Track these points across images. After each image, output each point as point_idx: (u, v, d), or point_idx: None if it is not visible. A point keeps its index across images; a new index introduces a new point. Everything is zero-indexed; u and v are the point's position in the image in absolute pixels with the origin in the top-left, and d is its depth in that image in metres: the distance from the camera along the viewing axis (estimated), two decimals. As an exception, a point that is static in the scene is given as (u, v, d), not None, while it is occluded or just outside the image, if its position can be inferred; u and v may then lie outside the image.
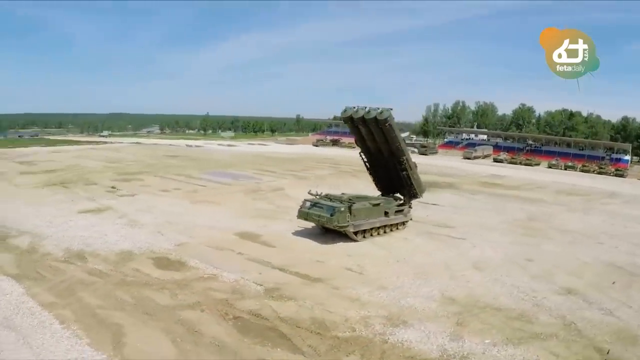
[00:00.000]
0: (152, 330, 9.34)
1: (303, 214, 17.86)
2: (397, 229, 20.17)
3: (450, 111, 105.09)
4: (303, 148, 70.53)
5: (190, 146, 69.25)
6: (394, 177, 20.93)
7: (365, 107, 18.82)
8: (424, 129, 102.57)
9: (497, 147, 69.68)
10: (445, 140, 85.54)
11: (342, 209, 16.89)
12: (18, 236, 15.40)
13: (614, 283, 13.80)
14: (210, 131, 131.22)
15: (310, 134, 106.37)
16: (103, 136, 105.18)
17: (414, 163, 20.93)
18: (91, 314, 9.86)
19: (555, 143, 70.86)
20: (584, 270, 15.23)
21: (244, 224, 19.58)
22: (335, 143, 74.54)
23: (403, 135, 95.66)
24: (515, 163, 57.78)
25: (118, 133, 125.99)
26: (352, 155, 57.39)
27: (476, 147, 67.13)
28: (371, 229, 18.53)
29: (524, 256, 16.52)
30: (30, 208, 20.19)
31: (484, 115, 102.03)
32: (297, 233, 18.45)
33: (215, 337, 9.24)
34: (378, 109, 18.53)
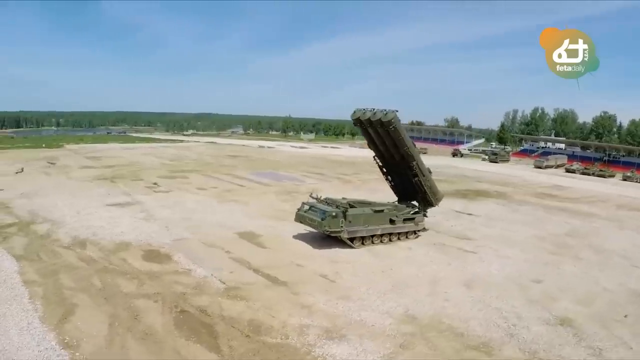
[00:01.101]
0: (99, 313, 10.49)
1: (299, 217, 18.18)
2: (407, 237, 19.50)
3: (529, 118, 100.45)
4: (371, 152, 70.22)
5: (263, 147, 74.24)
6: (407, 183, 20.32)
7: (373, 110, 18.58)
8: (500, 136, 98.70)
9: (572, 157, 65.21)
10: (521, 148, 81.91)
11: (334, 213, 16.86)
12: (42, 223, 18.13)
13: (626, 316, 11.92)
14: (292, 133, 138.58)
15: None
16: (186, 135, 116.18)
17: (428, 169, 20.11)
18: (58, 293, 11.39)
19: (639, 154, 63.52)
20: (597, 297, 13.37)
21: (253, 224, 20.50)
22: None
23: (477, 142, 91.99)
24: (587, 174, 53.28)
25: (202, 132, 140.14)
26: (427, 163, 57.87)
27: (549, 156, 63.22)
28: (372, 236, 18.18)
29: (533, 276, 15.02)
30: (68, 199, 23.50)
31: (562, 123, 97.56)
32: (299, 236, 18.80)
33: (150, 327, 10.07)
34: (384, 111, 18.19)
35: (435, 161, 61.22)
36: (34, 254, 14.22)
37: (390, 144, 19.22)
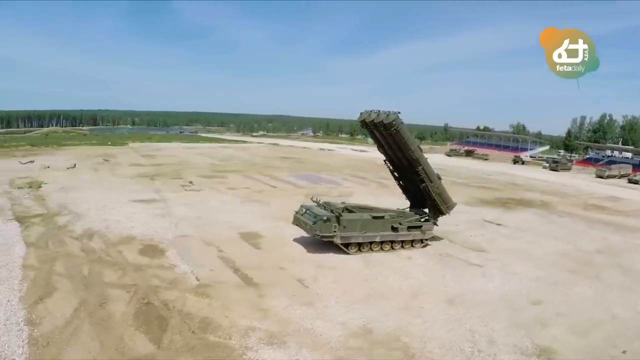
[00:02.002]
0: (72, 298, 11.76)
1: (296, 220, 18.45)
2: (412, 246, 18.86)
3: (597, 125, 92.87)
4: (433, 158, 69.59)
5: (323, 149, 76.87)
6: (417, 189, 19.67)
7: (379, 111, 18.30)
8: (566, 144, 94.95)
9: (638, 167, 59.58)
10: (586, 156, 77.07)
11: (325, 218, 16.87)
12: (65, 215, 20.48)
13: (624, 352, 10.47)
14: (361, 136, 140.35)
15: (448, 143, 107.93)
16: (255, 136, 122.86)
17: (437, 175, 19.30)
18: (46, 278, 12.95)
19: None
20: (600, 326, 11.92)
21: (262, 225, 21.24)
22: (469, 154, 74.08)
23: (541, 149, 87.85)
24: None
25: (272, 134, 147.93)
26: (473, 168, 58.70)
27: (612, 166, 58.32)
28: (370, 243, 17.87)
29: (535, 296, 13.84)
30: (100, 194, 26.18)
31: (631, 131, 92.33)
32: (301, 239, 19.06)
33: (110, 314, 11.08)
34: (387, 112, 17.84)
35: (492, 168, 60.21)
36: (44, 242, 16.21)
37: (395, 148, 18.76)
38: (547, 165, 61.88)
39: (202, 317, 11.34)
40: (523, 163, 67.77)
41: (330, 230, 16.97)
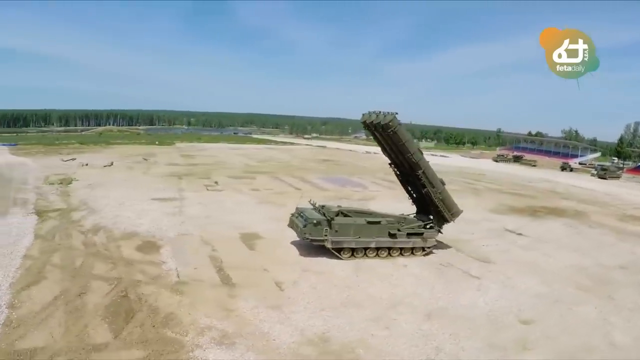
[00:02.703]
0: (56, 287, 12.94)
1: (290, 222, 18.69)
2: (413, 254, 18.38)
3: None
4: (478, 163, 71.83)
5: (369, 152, 78.20)
6: (422, 194, 19.17)
7: (379, 112, 18.11)
8: (618, 150, 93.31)
9: None
10: (639, 164, 72.46)
11: (315, 221, 16.94)
12: (82, 210, 22.30)
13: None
14: (414, 140, 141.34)
15: (498, 148, 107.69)
16: (306, 138, 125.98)
17: (441, 180, 18.67)
18: (41, 267, 14.33)
19: None
20: (592, 353, 11.03)
21: (266, 227, 21.79)
22: (516, 160, 73.30)
23: (593, 155, 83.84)
24: None
25: (324, 136, 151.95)
26: (516, 174, 57.90)
27: None
28: (365, 249, 17.65)
29: (528, 315, 13.08)
30: (123, 192, 28.12)
31: None
32: (298, 242, 19.10)
33: (84, 304, 12.05)
34: (384, 113, 17.61)
35: (536, 174, 58.29)
36: (52, 235, 17.83)
37: (396, 150, 18.43)
38: (595, 172, 59.32)
39: (168, 312, 11.93)
40: (571, 170, 66.09)
41: (321, 234, 17.01)
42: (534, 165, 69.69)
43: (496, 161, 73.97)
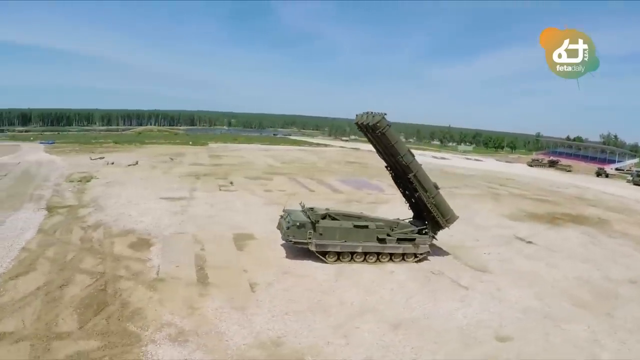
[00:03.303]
0: (42, 278, 14.26)
1: (279, 224, 19.12)
2: (404, 260, 18.30)
3: None
4: (511, 167, 70.90)
5: None
6: (414, 198, 19.09)
7: (370, 113, 18.26)
8: None
9: None
10: None
11: (298, 223, 17.30)
12: (89, 207, 24.01)
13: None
14: (452, 143, 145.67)
15: (534, 153, 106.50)
16: (344, 140, 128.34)
17: (435, 184, 18.45)
18: (34, 259, 15.80)
19: None
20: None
21: (262, 227, 22.35)
22: (552, 165, 72.68)
23: (632, 161, 79.80)
24: None
25: (363, 139, 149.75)
26: (546, 178, 57.43)
27: None
28: (352, 253, 17.79)
29: (507, 331, 12.83)
30: (135, 190, 29.84)
31: None
32: (289, 244, 19.56)
33: (62, 295, 13.19)
34: (374, 114, 17.73)
35: (568, 180, 56.51)
36: (54, 230, 19.42)
37: (387, 152, 18.46)
38: (631, 179, 56.89)
39: (137, 307, 12.79)
40: (607, 176, 64.02)
41: (304, 237, 17.35)
42: (569, 171, 68.39)
43: (530, 166, 73.23)
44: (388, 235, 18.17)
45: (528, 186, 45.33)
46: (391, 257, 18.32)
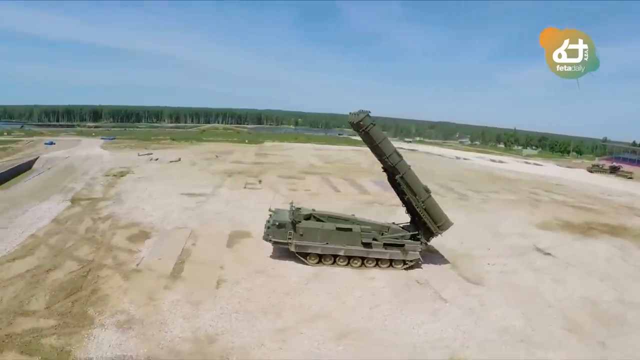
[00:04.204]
0: (35, 261, 16.48)
1: (265, 223, 19.81)
2: (392, 266, 18.20)
3: None
4: (568, 173, 67.07)
5: (459, 158, 78.00)
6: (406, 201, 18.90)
7: (359, 112, 18.43)
8: None
9: None
10: None
11: (278, 223, 17.95)
12: (109, 200, 26.68)
13: None
14: (518, 147, 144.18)
15: (596, 158, 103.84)
16: (407, 142, 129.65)
17: (425, 188, 18.18)
18: (37, 245, 18.21)
19: None
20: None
21: (263, 226, 23.29)
22: (613, 171, 69.16)
23: None
24: None
25: (428, 140, 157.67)
26: (598, 185, 54.02)
27: None
28: (334, 256, 18.05)
29: (466, 354, 12.37)
30: (162, 186, 32.49)
31: None
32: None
33: (45, 278, 15.19)
34: (359, 112, 17.93)
35: (625, 187, 51.96)
36: (66, 220, 22.00)
37: (375, 152, 18.47)
38: None
39: (104, 294, 14.36)
40: None
41: (284, 237, 17.95)
42: (630, 178, 63.60)
43: (591, 172, 69.37)
44: (374, 239, 18.17)
45: (575, 193, 42.77)
46: (378, 262, 18.30)
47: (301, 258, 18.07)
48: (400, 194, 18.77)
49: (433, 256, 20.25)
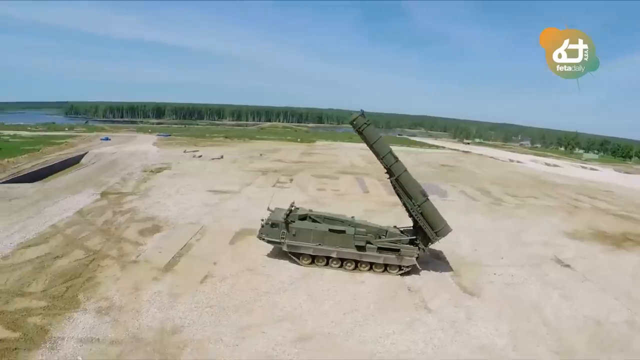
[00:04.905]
0: (47, 249, 18.48)
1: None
2: (387, 271, 18.20)
3: None
4: (625, 179, 63.24)
5: (512, 161, 75.90)
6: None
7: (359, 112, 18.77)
8: None
9: None
10: None
11: (271, 223, 18.61)
12: (136, 195, 28.93)
13: None
14: (580, 150, 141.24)
15: None
16: (465, 143, 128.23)
17: (422, 192, 17.95)
18: (51, 235, 20.36)
19: None
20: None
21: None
22: None
23: None
24: None
25: (487, 142, 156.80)
26: None
27: None
28: (327, 258, 18.38)
29: None
30: (193, 182, 34.58)
31: None
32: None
33: (52, 264, 17.08)
34: (355, 113, 18.26)
35: None
36: (88, 212, 24.29)
37: (374, 153, 18.55)
38: None
39: (97, 282, 15.92)
40: None
41: (277, 236, 18.59)
42: None
43: None
44: (368, 242, 18.25)
45: (623, 200, 40.13)
46: (372, 266, 18.37)
47: (294, 258, 18.63)
48: (399, 196, 18.67)
49: (438, 262, 19.90)
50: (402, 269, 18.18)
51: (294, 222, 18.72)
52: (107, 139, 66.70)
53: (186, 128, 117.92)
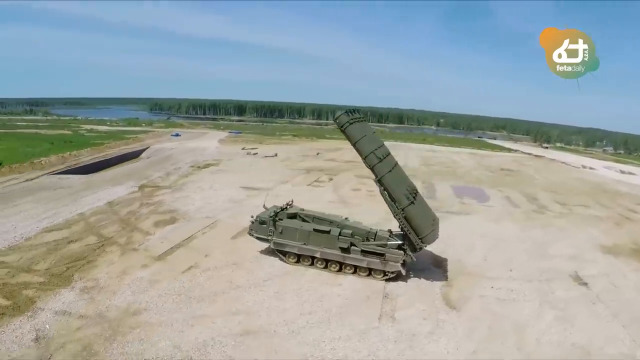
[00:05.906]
0: (65, 234, 21.53)
1: None
2: (372, 275, 18.51)
3: None
4: None
5: (584, 167, 71.07)
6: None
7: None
8: None
9: None
10: None
11: (260, 220, 19.81)
12: (170, 188, 31.84)
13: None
14: None
15: None
16: (544, 147, 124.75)
17: (406, 195, 17.88)
18: (76, 221, 23.51)
19: None
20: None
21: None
22: None
23: None
24: None
25: (568, 147, 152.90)
26: None
27: None
28: (312, 257, 19.13)
29: None
30: (231, 178, 37.09)
31: None
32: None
33: (65, 247, 19.97)
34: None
35: None
36: (118, 203, 27.37)
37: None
38: None
39: (94, 265, 18.42)
40: None
41: (265, 233, 19.73)
42: None
43: None
44: (352, 245, 18.64)
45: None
46: (356, 269, 18.72)
47: (280, 255, 19.67)
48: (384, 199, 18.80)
49: (435, 270, 19.65)
50: (387, 274, 18.33)
51: (282, 220, 19.75)
52: (177, 134, 72.77)
53: (264, 126, 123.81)
